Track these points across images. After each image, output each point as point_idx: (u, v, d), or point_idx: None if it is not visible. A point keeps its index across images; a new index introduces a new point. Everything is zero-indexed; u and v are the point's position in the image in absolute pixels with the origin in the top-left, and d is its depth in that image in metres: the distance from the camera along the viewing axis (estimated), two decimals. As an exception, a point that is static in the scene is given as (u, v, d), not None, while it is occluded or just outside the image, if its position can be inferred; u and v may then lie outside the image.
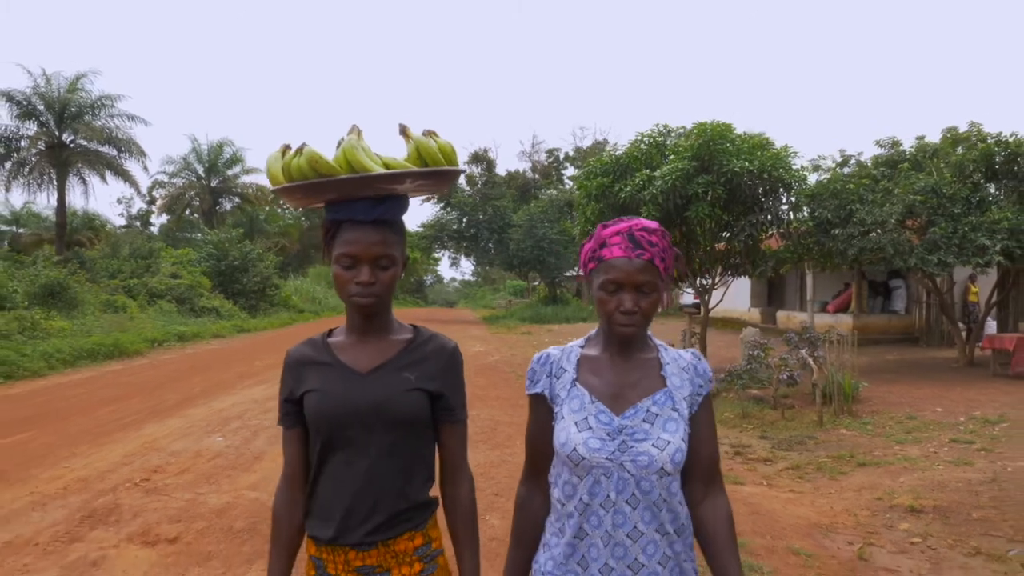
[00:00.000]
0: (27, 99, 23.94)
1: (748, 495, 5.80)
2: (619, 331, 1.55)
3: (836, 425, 8.49)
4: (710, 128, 11.75)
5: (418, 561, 1.61)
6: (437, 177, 1.60)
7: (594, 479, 1.52)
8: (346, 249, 1.54)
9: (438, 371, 1.62)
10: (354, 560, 1.56)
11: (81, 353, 13.20)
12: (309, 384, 1.59)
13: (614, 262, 1.53)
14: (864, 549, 4.63)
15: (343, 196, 1.55)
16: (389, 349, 1.62)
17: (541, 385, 1.63)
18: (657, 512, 1.52)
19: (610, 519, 1.51)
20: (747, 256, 12.41)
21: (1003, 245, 10.54)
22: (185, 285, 24.90)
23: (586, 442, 1.51)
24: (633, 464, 1.50)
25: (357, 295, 1.55)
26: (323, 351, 1.63)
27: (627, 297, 1.52)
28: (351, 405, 1.55)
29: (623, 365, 1.60)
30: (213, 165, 40.36)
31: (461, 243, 34.22)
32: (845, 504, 5.60)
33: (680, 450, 1.52)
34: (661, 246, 1.56)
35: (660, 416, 1.54)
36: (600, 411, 1.55)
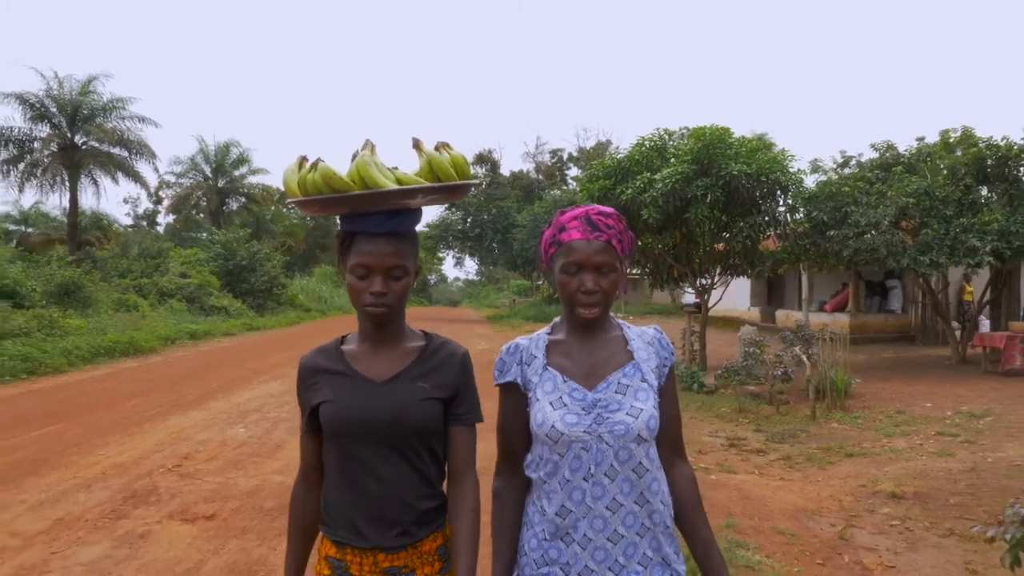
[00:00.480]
0: (40, 101, 24.34)
1: (740, 482, 6.17)
2: (581, 312, 1.60)
3: (828, 419, 8.85)
4: (709, 132, 12.11)
5: (438, 560, 1.66)
6: (448, 191, 1.64)
7: (574, 454, 1.56)
8: (360, 260, 1.58)
9: (450, 379, 1.66)
10: (383, 562, 1.60)
11: (98, 350, 13.60)
12: (324, 395, 1.63)
13: (573, 244, 1.59)
14: (845, 530, 4.99)
15: (357, 210, 1.59)
16: (403, 358, 1.66)
17: (512, 373, 1.67)
18: (636, 481, 1.57)
19: (590, 492, 1.55)
20: (745, 257, 12.77)
21: (993, 246, 10.88)
22: (195, 284, 25.31)
23: (563, 418, 1.56)
24: (611, 434, 1.55)
25: (371, 305, 1.59)
26: (337, 360, 1.66)
27: (588, 278, 1.58)
28: (368, 416, 1.58)
29: (590, 345, 1.65)
30: (220, 165, 40.71)
31: (466, 243, 34.61)
32: (831, 491, 5.96)
33: (653, 416, 1.57)
34: (618, 229, 1.63)
35: (631, 387, 1.59)
36: (573, 389, 1.60)
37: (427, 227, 34.95)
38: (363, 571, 1.60)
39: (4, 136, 24.19)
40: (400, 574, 1.61)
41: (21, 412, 8.24)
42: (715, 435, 8.23)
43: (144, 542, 4.04)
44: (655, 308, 31.26)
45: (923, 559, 4.53)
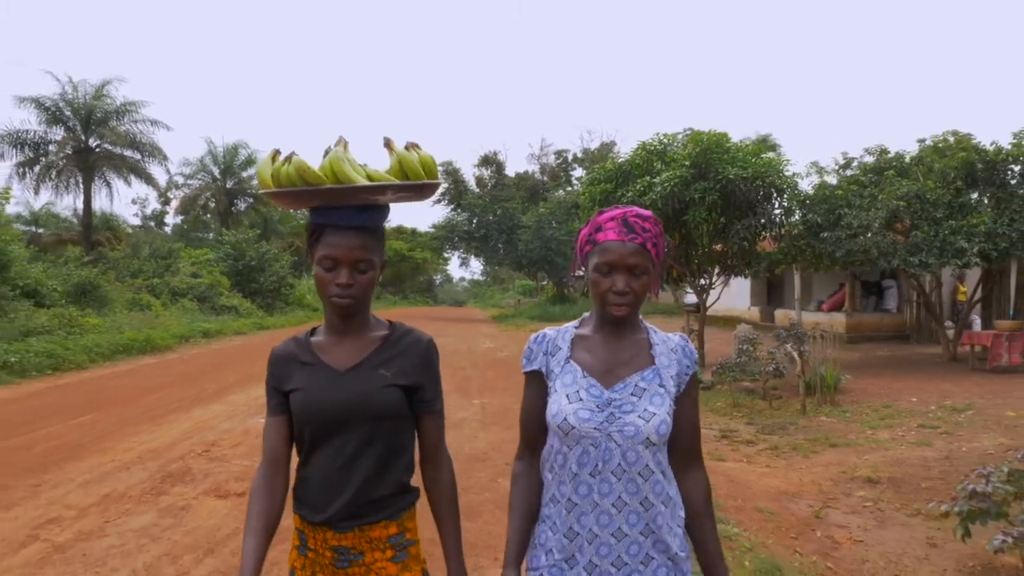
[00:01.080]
0: (55, 105, 24.92)
1: (728, 468, 6.61)
2: (611, 311, 1.63)
3: (818, 413, 9.27)
4: (706, 137, 12.53)
5: (390, 548, 1.69)
6: (416, 190, 1.68)
7: (583, 449, 1.60)
8: (327, 252, 1.63)
9: (413, 366, 1.71)
10: (331, 539, 1.66)
11: (117, 348, 14.10)
12: (294, 383, 1.69)
13: (608, 245, 1.61)
14: (821, 510, 5.42)
15: (327, 203, 1.64)
16: (366, 347, 1.71)
17: (538, 362, 1.71)
18: (642, 483, 1.59)
19: (597, 488, 1.59)
20: (742, 258, 13.19)
21: (980, 247, 11.29)
22: (205, 284, 25.84)
23: (576, 412, 1.59)
24: (620, 434, 1.58)
25: (336, 296, 1.64)
26: (306, 350, 1.73)
27: (620, 278, 1.61)
28: (330, 403, 1.64)
29: (615, 344, 1.69)
30: (229, 167, 41.18)
31: (471, 243, 35.04)
32: (812, 476, 6.40)
33: (665, 422, 1.60)
34: (654, 232, 1.65)
35: (647, 391, 1.62)
36: (591, 385, 1.63)
37: (433, 228, 35.45)
38: (317, 545, 1.68)
39: (21, 139, 24.77)
40: (348, 554, 1.66)
41: (53, 404, 8.73)
42: (709, 427, 8.65)
43: (185, 513, 4.52)
44: (659, 308, 31.62)
45: (889, 535, 4.96)
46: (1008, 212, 11.64)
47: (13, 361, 10.92)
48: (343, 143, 1.66)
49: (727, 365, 10.45)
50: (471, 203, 34.19)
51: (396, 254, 47.55)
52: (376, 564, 1.67)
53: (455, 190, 34.61)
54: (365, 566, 1.66)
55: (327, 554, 1.66)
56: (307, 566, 1.69)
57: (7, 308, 13.43)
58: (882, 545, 4.77)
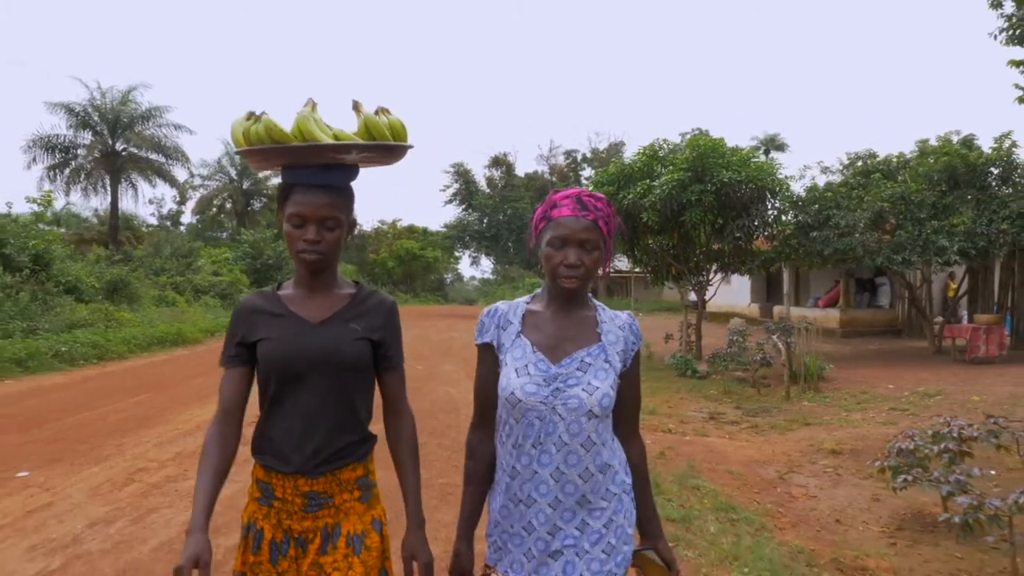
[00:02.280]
0: (84, 110, 25.98)
1: (709, 442, 7.47)
2: (563, 284, 1.68)
3: (801, 399, 10.10)
4: (703, 143, 13.36)
5: (357, 489, 1.76)
6: (382, 150, 1.73)
7: (528, 421, 1.65)
8: (295, 209, 1.68)
9: (379, 323, 1.78)
10: (303, 486, 1.70)
11: (152, 340, 15.10)
12: (263, 333, 1.73)
13: (562, 220, 1.67)
14: (785, 474, 6.28)
15: (295, 162, 1.69)
16: (336, 303, 1.77)
17: (490, 335, 1.77)
18: (583, 455, 1.65)
19: (537, 458, 1.65)
20: (737, 256, 14.02)
21: (960, 246, 12.07)
22: (226, 282, 26.90)
23: (523, 387, 1.65)
24: (564, 407, 1.64)
25: (304, 252, 1.69)
26: (275, 303, 1.78)
27: (572, 252, 1.66)
28: (304, 352, 1.69)
29: (563, 320, 1.74)
30: (245, 168, 42.17)
31: (482, 243, 35.92)
32: (784, 448, 7.25)
33: (607, 395, 1.66)
34: (606, 212, 1.70)
35: (593, 366, 1.68)
36: (539, 360, 1.68)
37: (444, 227, 36.35)
38: (286, 494, 1.71)
39: (51, 143, 25.85)
40: (319, 498, 1.71)
41: (107, 388, 9.70)
42: (699, 411, 9.50)
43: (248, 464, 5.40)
44: (664, 305, 32.43)
45: (841, 492, 5.80)
46: (987, 213, 12.40)
47: (63, 351, 11.91)
48: (311, 104, 1.72)
49: (719, 355, 11.29)
50: (481, 203, 35.08)
51: (408, 253, 48.50)
52: (345, 504, 1.75)
53: (466, 190, 35.50)
54: (335, 507, 1.73)
55: (297, 500, 1.71)
56: (272, 515, 1.72)
57: (52, 303, 14.45)
58: (832, 500, 5.61)
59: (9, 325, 12.50)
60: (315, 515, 1.71)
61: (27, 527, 4.09)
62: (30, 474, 5.22)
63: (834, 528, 4.93)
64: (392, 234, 51.86)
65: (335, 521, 1.72)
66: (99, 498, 4.63)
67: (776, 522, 4.85)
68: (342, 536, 1.71)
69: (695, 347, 14.10)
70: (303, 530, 1.71)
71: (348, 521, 1.73)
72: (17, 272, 14.31)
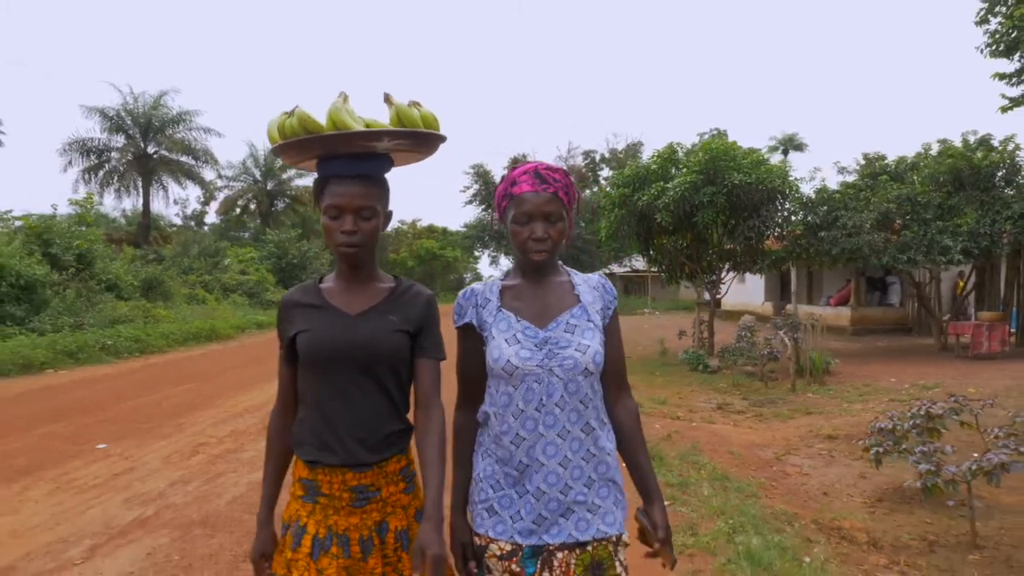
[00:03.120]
0: (117, 114, 26.98)
1: (715, 428, 8.03)
2: (532, 257, 1.73)
3: (806, 391, 10.60)
4: (715, 146, 13.87)
5: (402, 480, 1.79)
6: (413, 138, 1.75)
7: (527, 386, 1.69)
8: (332, 201, 1.70)
9: (416, 315, 1.79)
10: (351, 480, 1.71)
11: (188, 335, 15.90)
12: (300, 325, 1.76)
13: (524, 196, 1.71)
14: (782, 455, 6.83)
15: (328, 151, 1.72)
16: (375, 295, 1.79)
17: (469, 316, 1.80)
18: (583, 410, 1.71)
19: (542, 421, 1.69)
20: (749, 255, 14.52)
21: (963, 245, 12.51)
22: (253, 281, 27.77)
23: (517, 353, 1.69)
24: (560, 368, 1.69)
25: (342, 243, 1.71)
26: (314, 295, 1.80)
27: (538, 226, 1.71)
28: (342, 343, 1.71)
29: (541, 289, 1.79)
30: (270, 169, 43.09)
31: (501, 242, 36.59)
32: (784, 434, 7.79)
33: (599, 352, 1.72)
34: (564, 182, 1.75)
35: (579, 327, 1.73)
36: (526, 327, 1.73)
37: (464, 227, 37.05)
38: (333, 489, 1.71)
39: (87, 146, 26.87)
40: (367, 491, 1.72)
41: (153, 378, 10.45)
42: (708, 402, 10.05)
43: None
44: (680, 304, 32.86)
45: (831, 471, 6.34)
46: (991, 213, 12.80)
47: (109, 344, 12.71)
48: (343, 96, 1.75)
49: (728, 349, 11.82)
50: (501, 204, 35.71)
51: (427, 252, 49.24)
52: (392, 497, 1.76)
53: (486, 191, 36.18)
54: (382, 500, 1.74)
55: (345, 496, 1.71)
56: (317, 511, 1.72)
57: (95, 300, 15.29)
58: (823, 477, 6.16)
59: (58, 320, 13.32)
60: (362, 510, 1.72)
61: (117, 485, 4.80)
62: (107, 446, 5.96)
63: (820, 499, 5.48)
64: (412, 234, 52.64)
65: (381, 517, 1.74)
66: (172, 465, 5.34)
67: (767, 492, 5.42)
68: (390, 532, 1.74)
69: (707, 343, 14.62)
70: (348, 526, 1.71)
71: (395, 516, 1.76)
72: (64, 271, 15.15)
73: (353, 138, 1.68)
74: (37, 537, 3.96)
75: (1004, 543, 4.52)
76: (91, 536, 3.94)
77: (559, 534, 1.69)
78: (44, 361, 10.94)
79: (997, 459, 4.20)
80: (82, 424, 6.89)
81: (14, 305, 12.90)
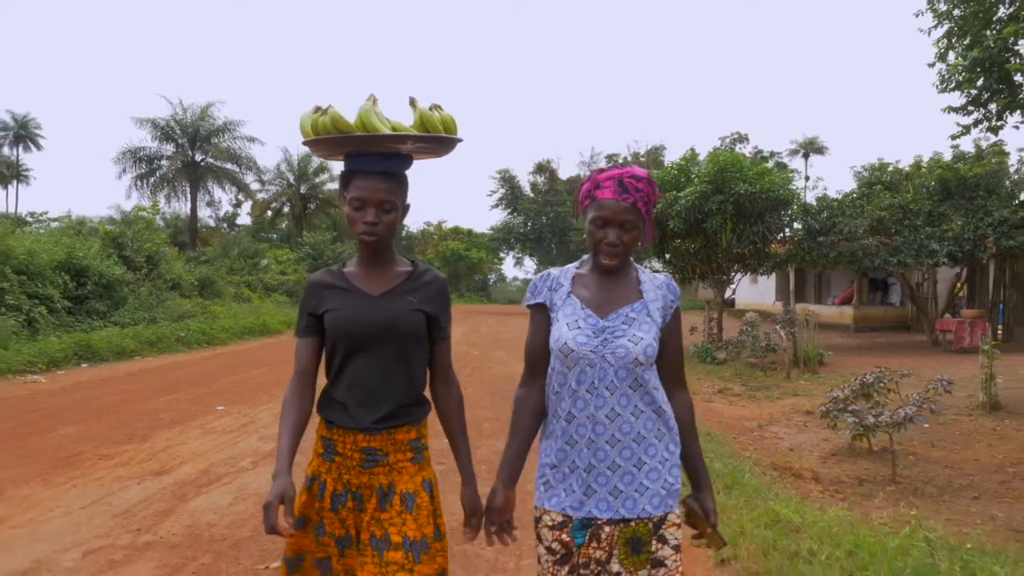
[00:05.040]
0: (168, 124, 28.91)
1: (711, 406, 9.45)
2: (604, 260, 1.89)
3: (799, 379, 11.97)
4: (723, 158, 15.25)
5: (410, 450, 1.93)
6: (434, 142, 1.94)
7: (580, 369, 1.85)
8: (356, 194, 1.87)
9: (432, 296, 1.97)
10: (361, 442, 1.88)
11: (244, 330, 17.58)
12: (329, 304, 1.93)
13: (604, 202, 1.84)
14: (764, 425, 8.25)
15: (357, 150, 1.90)
16: (395, 278, 1.97)
17: (543, 296, 1.96)
18: (631, 395, 1.85)
19: (593, 402, 1.83)
20: (755, 258, 15.88)
21: (948, 250, 13.79)
22: (293, 280, 29.49)
23: (575, 338, 1.84)
24: (613, 355, 1.83)
25: (364, 233, 1.88)
26: (340, 278, 1.98)
27: (612, 232, 1.84)
28: (366, 321, 1.90)
29: (609, 282, 1.94)
30: (303, 173, 44.83)
31: (526, 244, 38.07)
32: (770, 411, 9.20)
33: (651, 346, 1.85)
34: (646, 192, 1.87)
35: (636, 320, 1.87)
36: (588, 315, 1.88)
37: (491, 230, 38.60)
38: (346, 448, 1.89)
39: (139, 155, 28.84)
40: (376, 454, 1.88)
41: (226, 364, 12.10)
42: (711, 387, 11.46)
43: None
44: (699, 304, 34.05)
45: (804, 437, 7.75)
46: (974, 220, 14.07)
47: (182, 336, 14.41)
48: (372, 99, 1.89)
49: (731, 342, 13.23)
50: (526, 207, 37.23)
51: (453, 254, 50.81)
52: (398, 464, 1.89)
53: (511, 195, 37.71)
54: (388, 465, 1.88)
55: (355, 456, 1.88)
56: (333, 469, 1.90)
57: (163, 297, 17.05)
58: (794, 440, 7.58)
59: (135, 315, 15.07)
60: (371, 471, 1.87)
61: (248, 430, 6.42)
62: (224, 408, 7.59)
63: (787, 454, 6.91)
64: (438, 235, 54.19)
65: (389, 480, 1.88)
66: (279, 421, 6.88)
67: (742, 446, 6.86)
68: (396, 494, 1.87)
69: (716, 338, 16.00)
70: (360, 485, 1.87)
71: (401, 481, 1.89)
72: (136, 271, 16.93)
73: (381, 140, 1.87)
74: (214, 456, 5.62)
75: (917, 480, 5.94)
76: (249, 456, 5.57)
77: (607, 510, 1.83)
78: (133, 349, 12.64)
79: (904, 413, 5.62)
80: (195, 394, 8.53)
81: (98, 301, 14.64)
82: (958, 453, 6.97)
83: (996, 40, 7.82)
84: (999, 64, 7.87)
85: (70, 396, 8.39)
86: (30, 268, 13.07)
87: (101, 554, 3.49)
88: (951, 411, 8.77)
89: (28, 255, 13.18)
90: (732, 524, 3.77)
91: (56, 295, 13.25)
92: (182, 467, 5.24)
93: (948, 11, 8.53)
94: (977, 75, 8.12)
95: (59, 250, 14.44)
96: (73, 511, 4.16)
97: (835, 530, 3.60)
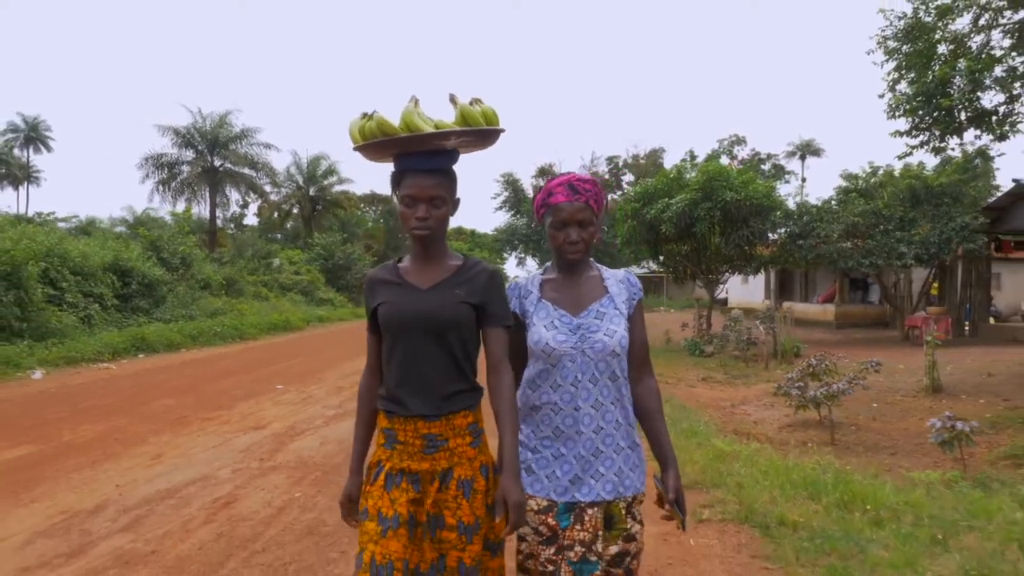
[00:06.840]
0: (188, 132, 30.28)
1: (693, 390, 10.87)
2: (568, 257, 2.05)
3: (776, 369, 13.36)
4: (711, 168, 16.67)
5: (469, 434, 2.01)
6: (477, 134, 2.01)
7: (563, 365, 2.00)
8: (408, 191, 1.96)
9: (480, 288, 2.02)
10: (422, 428, 1.95)
11: (269, 326, 19.04)
12: (381, 298, 2.04)
13: (560, 206, 2.02)
14: (736, 404, 9.66)
15: (404, 150, 1.98)
16: (444, 272, 2.04)
17: (513, 305, 2.09)
18: (611, 386, 2.02)
19: (578, 394, 1.99)
20: (741, 259, 17.29)
21: (915, 252, 15.19)
22: (306, 280, 30.95)
23: (554, 337, 2.00)
24: (591, 349, 1.99)
25: (416, 228, 1.97)
26: (393, 273, 2.08)
27: (573, 231, 2.02)
28: (415, 312, 1.98)
29: (575, 282, 2.10)
30: (312, 176, 46.12)
31: (528, 245, 39.53)
32: (744, 394, 10.61)
33: (624, 337, 2.02)
34: (594, 191, 2.05)
35: (607, 314, 2.04)
36: (562, 315, 2.04)
37: (495, 231, 40.04)
38: (407, 437, 1.96)
39: (160, 161, 30.23)
40: (436, 440, 1.96)
41: (263, 356, 13.53)
42: (696, 375, 12.87)
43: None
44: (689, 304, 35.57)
45: (768, 413, 9.14)
46: (940, 225, 15.46)
47: (218, 331, 15.86)
48: (414, 100, 2.00)
49: (715, 336, 14.66)
50: (529, 209, 38.68)
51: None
52: (458, 448, 1.99)
53: (514, 198, 39.15)
54: (449, 450, 1.97)
55: (417, 442, 1.96)
56: (395, 456, 1.98)
57: (196, 296, 18.51)
58: (760, 416, 8.97)
59: (175, 312, 16.53)
60: (432, 456, 1.95)
61: (310, 400, 7.92)
62: (283, 387, 9.03)
63: (750, 426, 8.32)
64: (443, 236, 55.45)
65: (448, 465, 1.96)
66: (333, 395, 8.38)
67: (712, 419, 8.28)
68: (454, 479, 1.96)
69: (705, 334, 17.43)
70: (420, 470, 1.95)
71: (460, 466, 1.97)
72: (173, 271, 18.38)
73: (425, 139, 1.94)
74: (292, 417, 7.12)
75: (852, 443, 7.34)
76: (319, 419, 7.05)
77: (589, 493, 1.97)
78: (179, 342, 14.08)
79: (837, 387, 7.04)
80: (251, 377, 9.99)
81: (142, 299, 16.09)
82: (893, 425, 8.36)
83: (933, 77, 9.27)
84: (936, 96, 9.32)
85: (143, 380, 9.87)
86: (84, 269, 14.52)
87: (243, 471, 4.94)
88: (899, 393, 10.20)
89: (82, 257, 14.63)
90: (683, 453, 5.19)
91: (107, 294, 14.70)
92: (272, 424, 6.73)
93: (897, 48, 9.97)
94: (920, 104, 9.56)
95: (107, 253, 15.89)
96: (208, 449, 5.63)
97: (757, 458, 5.02)
